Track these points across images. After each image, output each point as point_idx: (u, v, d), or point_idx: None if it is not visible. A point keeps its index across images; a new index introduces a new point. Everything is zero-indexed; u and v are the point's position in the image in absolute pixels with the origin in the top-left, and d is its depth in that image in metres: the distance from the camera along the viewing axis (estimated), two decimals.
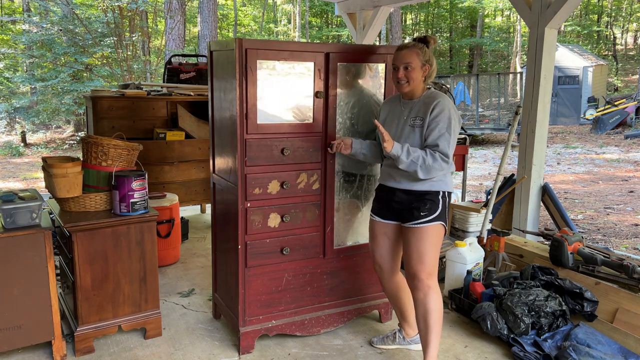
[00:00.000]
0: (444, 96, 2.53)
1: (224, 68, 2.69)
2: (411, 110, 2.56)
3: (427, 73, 2.53)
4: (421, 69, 2.50)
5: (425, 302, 2.54)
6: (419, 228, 2.53)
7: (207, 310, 3.35)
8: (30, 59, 13.41)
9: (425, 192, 2.54)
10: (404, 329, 2.90)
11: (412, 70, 2.48)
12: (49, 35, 12.37)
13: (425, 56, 2.50)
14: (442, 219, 2.56)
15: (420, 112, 2.51)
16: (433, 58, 2.55)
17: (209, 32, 12.54)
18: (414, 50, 2.49)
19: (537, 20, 4.02)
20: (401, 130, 2.56)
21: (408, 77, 2.50)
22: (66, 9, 12.41)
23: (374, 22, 6.02)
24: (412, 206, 2.55)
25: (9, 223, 2.54)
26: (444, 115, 2.46)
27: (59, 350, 2.73)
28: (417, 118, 2.51)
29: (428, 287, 2.54)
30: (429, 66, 2.51)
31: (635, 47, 28.93)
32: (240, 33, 23.33)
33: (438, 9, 25.38)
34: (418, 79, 2.51)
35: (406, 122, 2.55)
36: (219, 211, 2.99)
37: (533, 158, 4.15)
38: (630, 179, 8.74)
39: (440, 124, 2.45)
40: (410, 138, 2.53)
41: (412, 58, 2.48)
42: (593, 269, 3.23)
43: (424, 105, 2.51)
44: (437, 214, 2.54)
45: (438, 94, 2.54)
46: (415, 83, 2.51)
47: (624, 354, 2.75)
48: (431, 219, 2.52)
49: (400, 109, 2.61)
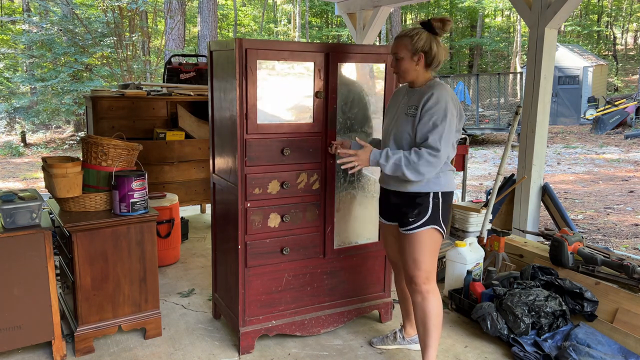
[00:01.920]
0: (443, 87, 2.39)
1: (224, 68, 2.69)
2: (410, 98, 2.45)
3: (423, 61, 2.38)
4: (411, 59, 2.37)
5: (424, 307, 2.51)
6: (409, 235, 2.46)
7: (207, 310, 3.35)
8: (30, 59, 13.41)
9: (415, 195, 2.44)
10: (405, 328, 2.89)
11: (401, 60, 2.39)
12: (48, 35, 12.37)
13: (418, 44, 2.35)
14: (433, 223, 2.44)
15: (416, 101, 2.40)
16: (435, 44, 2.37)
17: (209, 32, 12.54)
18: (402, 41, 2.38)
19: (537, 20, 4.02)
20: (397, 118, 2.47)
21: (397, 68, 2.43)
22: (66, 9, 12.41)
23: (374, 22, 6.02)
24: (402, 210, 2.48)
25: (9, 223, 2.53)
26: (439, 107, 2.31)
27: (59, 350, 2.73)
28: (413, 107, 2.40)
29: (426, 292, 2.49)
30: (422, 54, 2.36)
31: (635, 47, 28.93)
32: (240, 33, 23.33)
33: (438, 9, 25.38)
34: (410, 69, 2.39)
35: (403, 109, 2.45)
36: (219, 211, 2.99)
37: (533, 158, 4.15)
38: (630, 179, 8.74)
39: (435, 116, 2.31)
40: (402, 127, 2.42)
41: (399, 49, 2.39)
42: (593, 269, 3.23)
43: (420, 95, 2.40)
44: (426, 218, 2.42)
45: (437, 84, 2.40)
46: (408, 74, 2.41)
47: (624, 354, 2.75)
48: (420, 224, 2.43)
49: (403, 96, 2.52)
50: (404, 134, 2.41)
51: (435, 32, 2.36)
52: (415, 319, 2.57)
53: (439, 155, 2.30)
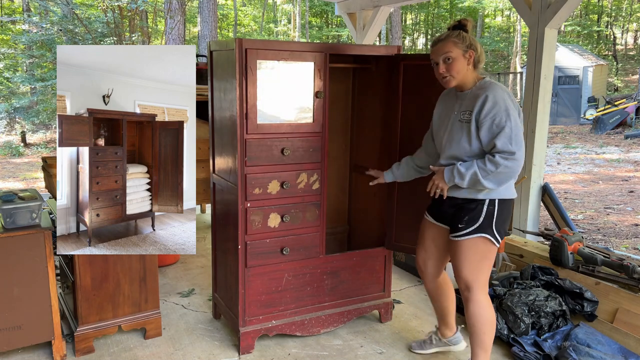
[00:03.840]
0: (496, 86, 2.26)
1: (224, 68, 2.69)
2: (462, 103, 2.32)
3: (474, 59, 2.28)
4: (464, 57, 2.25)
5: (474, 315, 2.44)
6: (458, 242, 2.38)
7: (207, 310, 3.35)
8: (30, 59, 13.41)
9: (469, 200, 2.33)
10: (440, 330, 2.84)
11: (454, 61, 2.25)
12: (49, 35, 12.37)
13: (466, 41, 2.25)
14: (485, 231, 2.32)
15: (469, 106, 2.27)
16: (476, 41, 2.29)
17: (209, 32, 12.54)
18: (449, 40, 2.26)
19: (537, 20, 4.02)
20: (452, 127, 2.34)
21: (450, 70, 2.27)
22: (66, 9, 12.41)
23: (374, 22, 6.01)
24: (455, 216, 2.39)
25: (9, 223, 2.53)
26: (499, 108, 2.19)
27: (59, 350, 2.73)
28: (466, 112, 2.27)
29: (477, 301, 2.42)
30: (472, 51, 2.26)
31: (635, 47, 28.93)
32: (240, 33, 23.32)
33: (438, 9, 25.38)
34: (462, 69, 2.27)
35: (456, 117, 2.33)
36: (219, 211, 2.99)
37: (533, 158, 4.15)
38: (630, 179, 8.74)
39: (497, 118, 2.18)
40: (458, 135, 2.30)
41: (449, 47, 2.25)
42: (593, 269, 3.23)
43: (473, 98, 2.27)
44: (478, 225, 2.32)
45: (488, 84, 2.28)
46: (461, 75, 2.28)
47: (624, 354, 2.75)
48: (470, 231, 2.33)
49: (453, 102, 2.39)
50: (461, 142, 2.30)
51: (467, 32, 2.30)
52: (467, 325, 2.50)
53: (514, 157, 2.18)
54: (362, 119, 3.28)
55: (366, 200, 3.34)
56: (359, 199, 3.45)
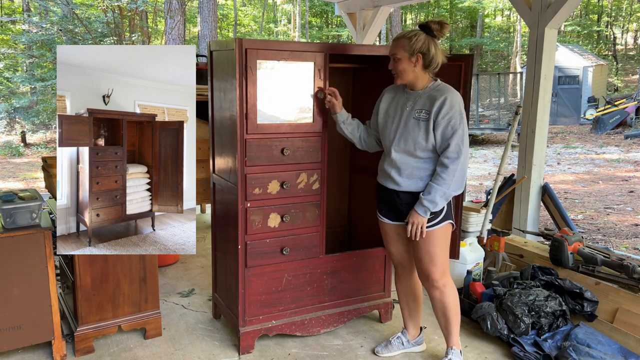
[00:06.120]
0: (452, 90, 2.44)
1: (224, 68, 2.69)
2: (416, 102, 2.47)
3: (421, 63, 2.41)
4: (409, 59, 2.40)
5: (443, 300, 2.61)
6: (431, 231, 2.50)
7: (207, 310, 3.35)
8: (30, 59, 13.41)
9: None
10: (408, 330, 2.87)
11: (399, 61, 2.42)
12: (48, 35, 12.37)
13: (416, 45, 2.37)
14: (449, 218, 2.53)
15: (426, 106, 2.42)
16: (432, 46, 2.40)
17: (209, 32, 12.54)
18: (400, 41, 2.41)
19: (537, 20, 4.02)
20: (405, 123, 2.48)
21: (395, 68, 2.45)
22: (66, 9, 12.40)
23: (374, 22, 6.02)
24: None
25: (9, 223, 2.53)
26: (455, 111, 2.38)
27: (59, 350, 2.73)
28: (423, 111, 2.42)
29: (444, 286, 2.59)
30: (420, 55, 2.39)
31: (635, 47, 28.92)
32: (240, 33, 23.32)
33: (438, 9, 25.37)
34: (407, 70, 2.42)
35: (410, 114, 2.47)
36: (219, 211, 2.99)
37: (533, 158, 4.15)
38: (630, 179, 8.74)
39: (452, 120, 2.37)
40: (414, 131, 2.44)
41: (396, 50, 2.42)
42: (593, 269, 3.23)
43: (430, 99, 2.42)
44: (444, 214, 2.50)
45: (446, 88, 2.45)
46: (406, 74, 2.44)
47: (624, 354, 2.75)
48: (438, 220, 2.50)
49: (404, 99, 2.53)
50: (416, 138, 2.44)
51: (433, 35, 2.41)
52: (435, 312, 2.67)
53: (461, 157, 2.39)
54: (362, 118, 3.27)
55: (366, 200, 3.34)
56: (359, 199, 3.46)
